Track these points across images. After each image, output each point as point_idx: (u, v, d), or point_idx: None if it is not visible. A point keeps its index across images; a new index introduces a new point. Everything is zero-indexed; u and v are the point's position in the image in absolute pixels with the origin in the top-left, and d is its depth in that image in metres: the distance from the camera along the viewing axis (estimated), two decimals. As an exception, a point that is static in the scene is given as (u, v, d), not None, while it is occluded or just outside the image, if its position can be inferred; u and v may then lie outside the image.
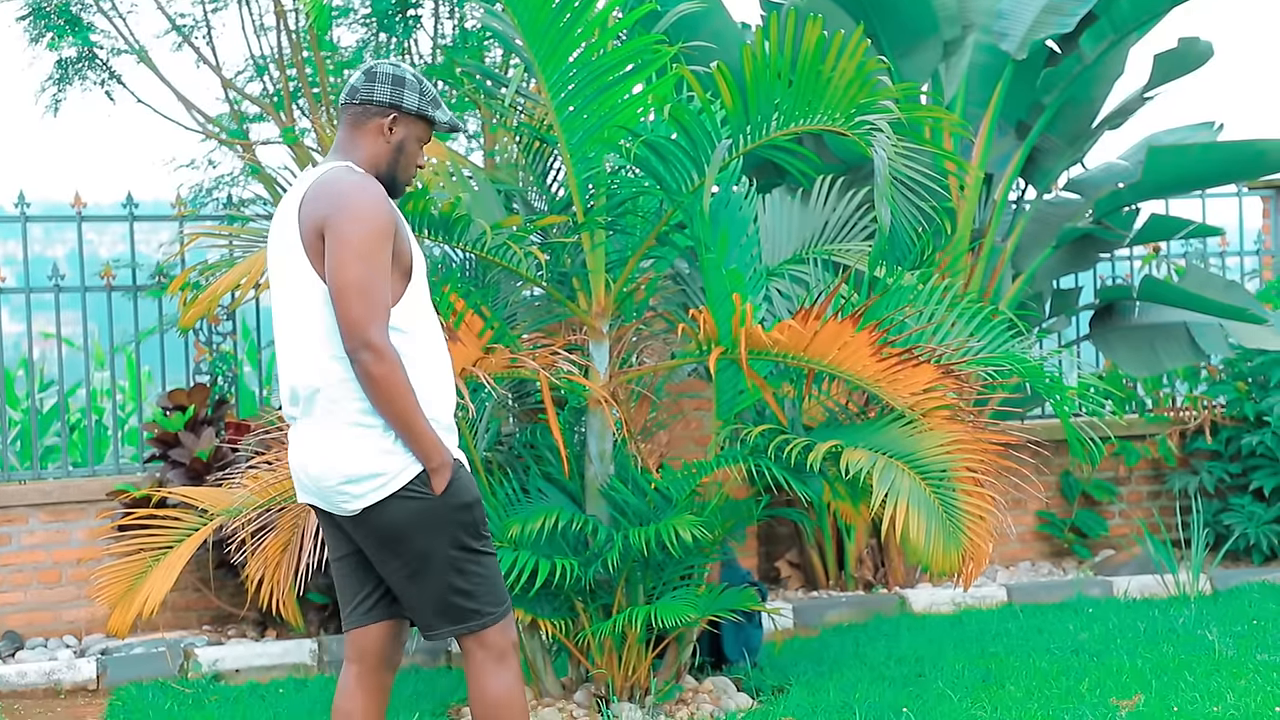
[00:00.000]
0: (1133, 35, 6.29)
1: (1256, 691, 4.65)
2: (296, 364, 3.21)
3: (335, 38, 6.74)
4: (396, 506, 3.14)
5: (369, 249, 3.09)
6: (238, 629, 6.01)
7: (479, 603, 3.22)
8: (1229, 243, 7.68)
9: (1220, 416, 7.21)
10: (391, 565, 3.21)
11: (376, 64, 3.30)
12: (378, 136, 3.27)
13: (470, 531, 3.21)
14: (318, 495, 3.24)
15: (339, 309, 3.09)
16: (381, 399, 3.10)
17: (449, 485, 3.16)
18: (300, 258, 3.16)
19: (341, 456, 3.15)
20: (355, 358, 3.09)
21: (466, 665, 3.27)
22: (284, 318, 3.25)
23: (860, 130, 4.36)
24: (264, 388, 6.75)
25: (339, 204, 3.12)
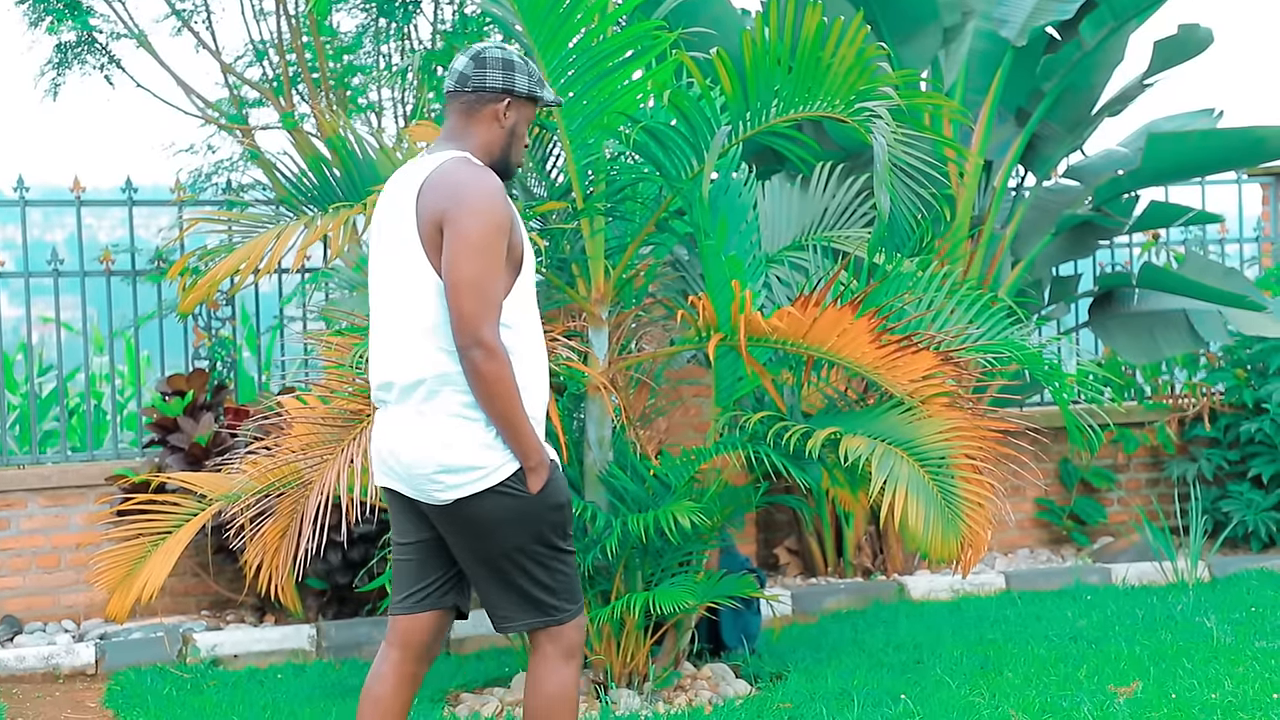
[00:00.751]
0: (1133, 22, 6.28)
1: (1254, 679, 4.66)
2: (398, 352, 3.21)
3: (335, 22, 6.73)
4: (491, 501, 3.17)
5: (487, 245, 3.10)
6: (236, 614, 6.02)
7: (558, 599, 3.25)
8: (1228, 230, 7.67)
9: (1219, 404, 7.22)
10: (475, 557, 3.23)
11: (483, 49, 3.28)
12: (492, 123, 3.26)
13: (558, 531, 3.24)
14: (405, 481, 3.24)
15: (453, 304, 3.10)
16: (488, 396, 3.12)
17: (544, 485, 3.19)
18: (415, 248, 3.16)
19: (440, 447, 3.16)
20: (466, 354, 3.10)
21: (533, 657, 3.29)
22: (388, 305, 3.24)
23: (860, 117, 4.36)
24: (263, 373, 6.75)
25: (460, 198, 3.12)
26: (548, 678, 3.26)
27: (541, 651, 3.28)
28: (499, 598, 3.26)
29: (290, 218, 4.38)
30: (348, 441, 4.21)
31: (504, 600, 3.26)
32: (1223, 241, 7.69)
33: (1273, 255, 7.64)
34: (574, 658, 3.28)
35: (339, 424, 4.29)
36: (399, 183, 3.27)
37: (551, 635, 3.27)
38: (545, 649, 3.27)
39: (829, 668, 4.97)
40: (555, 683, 3.26)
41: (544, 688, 3.26)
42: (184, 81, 6.59)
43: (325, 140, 4.46)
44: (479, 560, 3.23)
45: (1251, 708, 4.35)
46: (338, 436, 4.26)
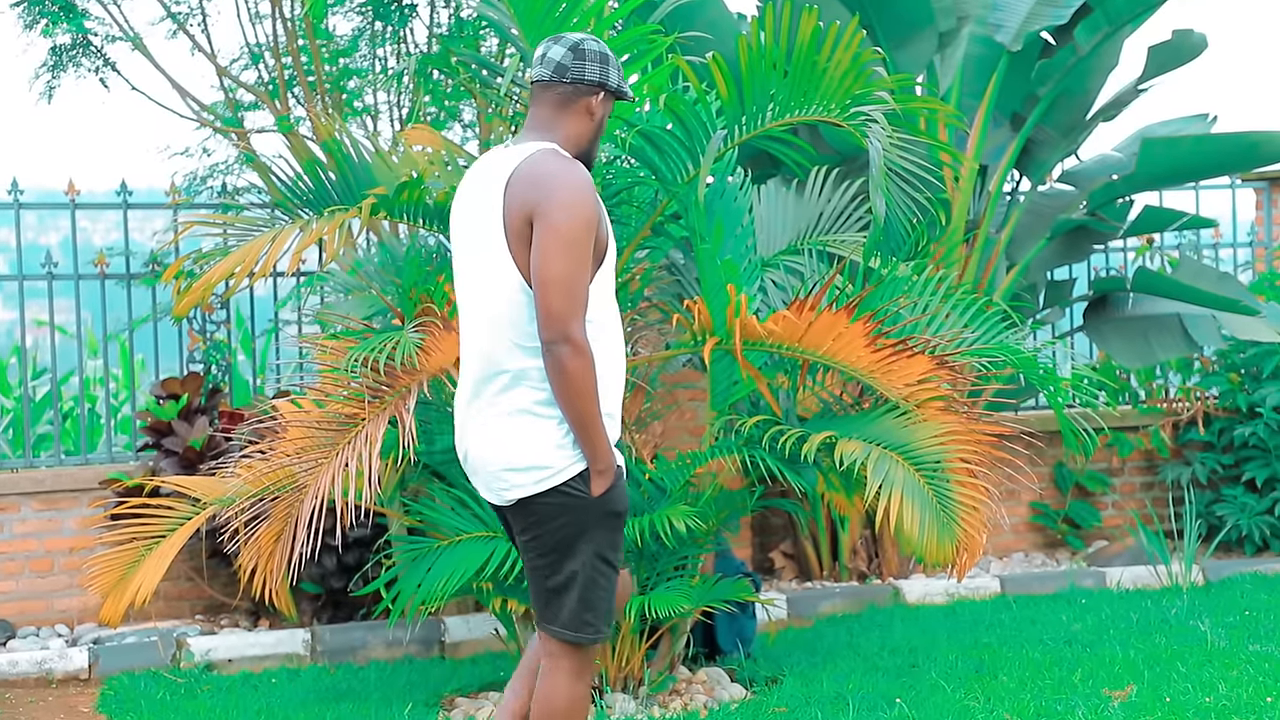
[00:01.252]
0: (1127, 27, 6.29)
1: (1248, 682, 4.66)
2: (476, 346, 3.19)
3: (331, 26, 6.72)
4: (552, 499, 3.14)
5: (577, 241, 3.05)
6: (230, 618, 6.01)
7: (596, 618, 3.21)
8: (1222, 235, 7.69)
9: (1213, 408, 7.22)
10: (531, 553, 3.20)
11: (581, 40, 3.22)
12: (584, 115, 3.23)
13: (610, 544, 3.20)
14: (478, 480, 3.24)
15: (541, 300, 3.05)
16: (568, 394, 3.07)
17: (607, 490, 3.15)
18: (500, 241, 3.11)
19: (509, 444, 3.14)
20: (551, 350, 3.05)
21: (547, 662, 3.24)
22: (471, 297, 3.22)
23: (855, 121, 4.36)
24: (258, 376, 6.73)
25: (550, 193, 3.07)
26: (557, 694, 3.22)
27: (559, 662, 3.23)
28: (546, 600, 3.21)
29: (286, 221, 4.38)
30: (343, 445, 4.20)
31: (551, 604, 3.20)
32: (1216, 246, 7.70)
33: (1266, 260, 7.66)
34: (587, 674, 3.25)
35: (334, 428, 4.29)
36: (483, 173, 3.21)
37: (577, 651, 3.22)
38: (563, 661, 3.22)
39: (824, 672, 4.97)
40: (563, 702, 3.22)
41: (554, 701, 3.22)
42: (179, 84, 6.59)
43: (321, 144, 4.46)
44: (532, 558, 3.21)
45: (1245, 711, 4.35)
46: (333, 440, 4.26)
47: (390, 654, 5.50)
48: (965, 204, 6.35)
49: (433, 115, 6.65)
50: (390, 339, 4.17)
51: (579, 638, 3.20)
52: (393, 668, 5.36)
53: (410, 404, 4.17)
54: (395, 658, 5.49)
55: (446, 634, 5.60)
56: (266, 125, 6.68)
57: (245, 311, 6.66)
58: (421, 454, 4.71)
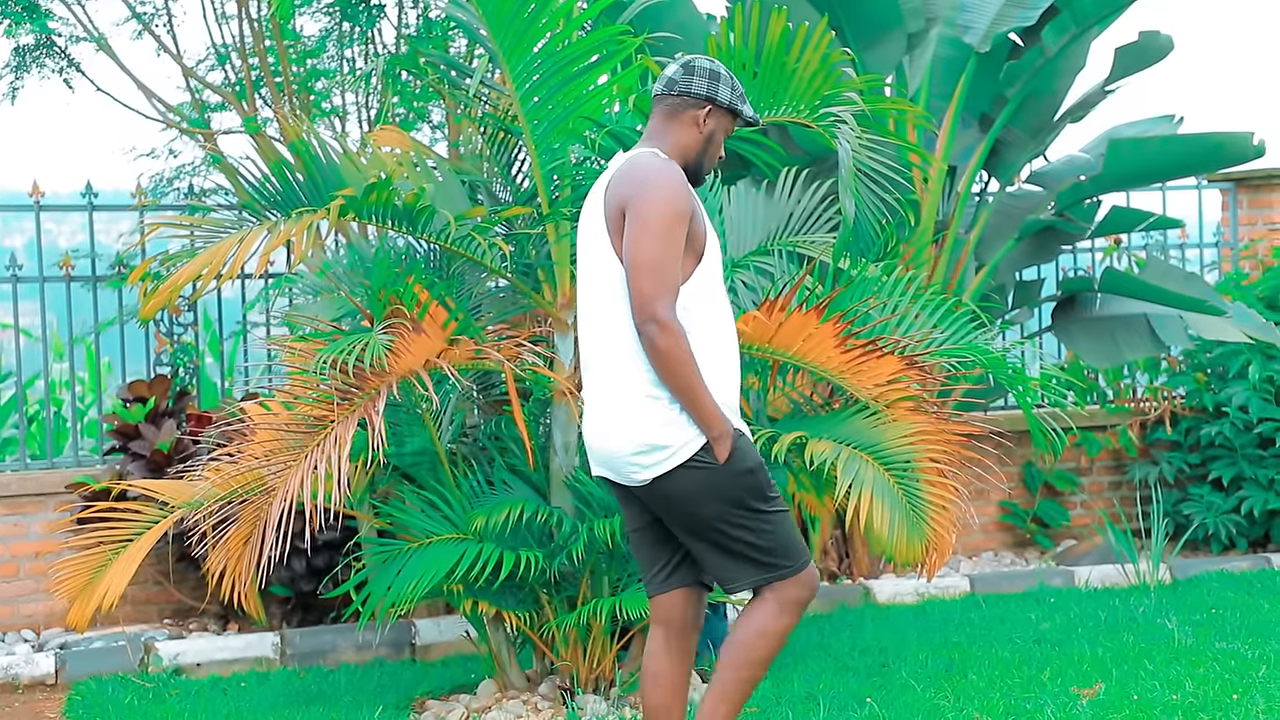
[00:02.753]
0: (1094, 29, 6.33)
1: (1215, 679, 4.69)
2: (595, 339, 3.41)
3: (298, 26, 6.69)
4: (684, 476, 3.31)
5: (665, 228, 3.26)
6: (199, 622, 5.97)
7: (773, 556, 3.38)
8: (1189, 235, 7.74)
9: (1180, 407, 7.27)
10: (685, 529, 3.39)
11: (694, 58, 3.49)
12: (691, 127, 3.46)
13: (756, 494, 3.37)
14: (609, 467, 3.42)
15: (632, 284, 3.27)
16: (666, 370, 3.26)
17: (731, 453, 3.31)
18: (603, 236, 3.36)
19: (631, 428, 3.32)
20: (643, 330, 3.26)
21: (752, 600, 3.44)
22: (587, 295, 3.45)
23: (825, 122, 4.37)
24: (226, 379, 6.70)
25: (641, 185, 3.31)
26: (756, 619, 3.41)
27: (761, 598, 3.43)
28: (716, 563, 3.41)
29: (253, 223, 4.35)
30: (312, 448, 4.18)
31: (722, 564, 3.40)
32: (1183, 246, 7.75)
33: (1232, 260, 7.72)
34: (789, 611, 3.42)
35: (303, 430, 4.26)
36: (599, 182, 3.48)
37: (774, 588, 3.41)
38: (765, 596, 3.42)
39: (795, 672, 4.98)
40: (763, 623, 3.40)
41: (753, 622, 3.41)
42: (145, 85, 6.55)
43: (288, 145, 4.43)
44: (689, 532, 3.40)
45: (1212, 708, 4.38)
46: (301, 443, 4.23)
47: (360, 657, 5.48)
48: (934, 205, 6.37)
49: (401, 116, 6.63)
50: (359, 341, 4.16)
51: (767, 577, 3.40)
52: (363, 671, 5.34)
53: (380, 406, 4.15)
54: (365, 661, 5.47)
55: (417, 636, 5.58)
56: (233, 126, 6.65)
57: (213, 314, 6.62)
58: (391, 456, 4.69)
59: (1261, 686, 4.61)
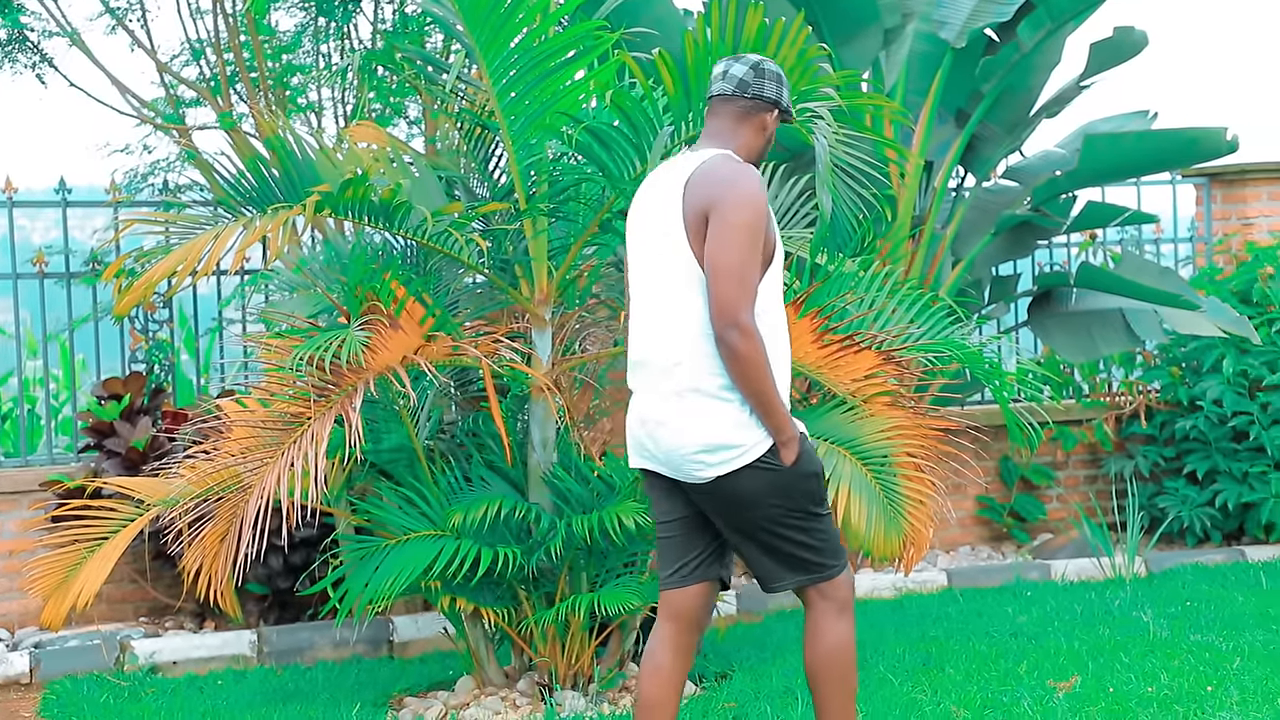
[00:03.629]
0: (1069, 24, 6.35)
1: (1189, 672, 4.72)
2: (659, 337, 3.41)
3: (273, 21, 6.66)
4: (749, 476, 3.35)
5: (751, 235, 3.29)
6: (175, 621, 5.94)
7: (822, 556, 3.45)
8: (1163, 230, 7.78)
9: (1155, 401, 7.31)
10: (738, 528, 3.44)
11: (761, 60, 3.51)
12: (759, 131, 3.51)
13: (813, 499, 3.44)
14: (665, 463, 3.43)
15: (714, 288, 3.28)
16: (744, 376, 3.29)
17: (798, 458, 3.37)
18: (680, 237, 3.35)
19: (700, 427, 3.34)
20: (724, 336, 3.28)
21: (808, 614, 3.50)
22: (649, 292, 3.44)
23: (802, 118, 4.37)
24: (201, 376, 6.67)
25: (728, 189, 3.32)
26: (827, 631, 3.47)
27: (816, 608, 3.49)
28: (763, 563, 3.47)
29: (228, 219, 4.33)
30: (288, 445, 4.16)
31: (769, 564, 3.47)
32: (1158, 241, 7.79)
33: (1206, 255, 7.76)
34: (847, 611, 3.49)
35: (279, 427, 4.25)
36: (663, 177, 3.48)
37: (822, 591, 3.48)
38: (818, 605, 3.48)
39: (774, 666, 4.99)
40: (834, 636, 3.46)
41: (825, 640, 3.47)
42: (119, 81, 6.51)
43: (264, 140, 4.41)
44: (741, 531, 3.44)
45: (1186, 700, 4.41)
46: (278, 440, 4.22)
47: (338, 654, 5.46)
48: (911, 200, 6.38)
49: (378, 112, 6.61)
50: (336, 337, 4.14)
51: (812, 579, 3.46)
52: (340, 668, 5.33)
53: (357, 402, 4.14)
54: (343, 658, 5.46)
55: (395, 633, 5.57)
56: (208, 122, 6.62)
57: (188, 310, 6.59)
58: (369, 452, 4.68)
59: (1236, 678, 4.64)
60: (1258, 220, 7.58)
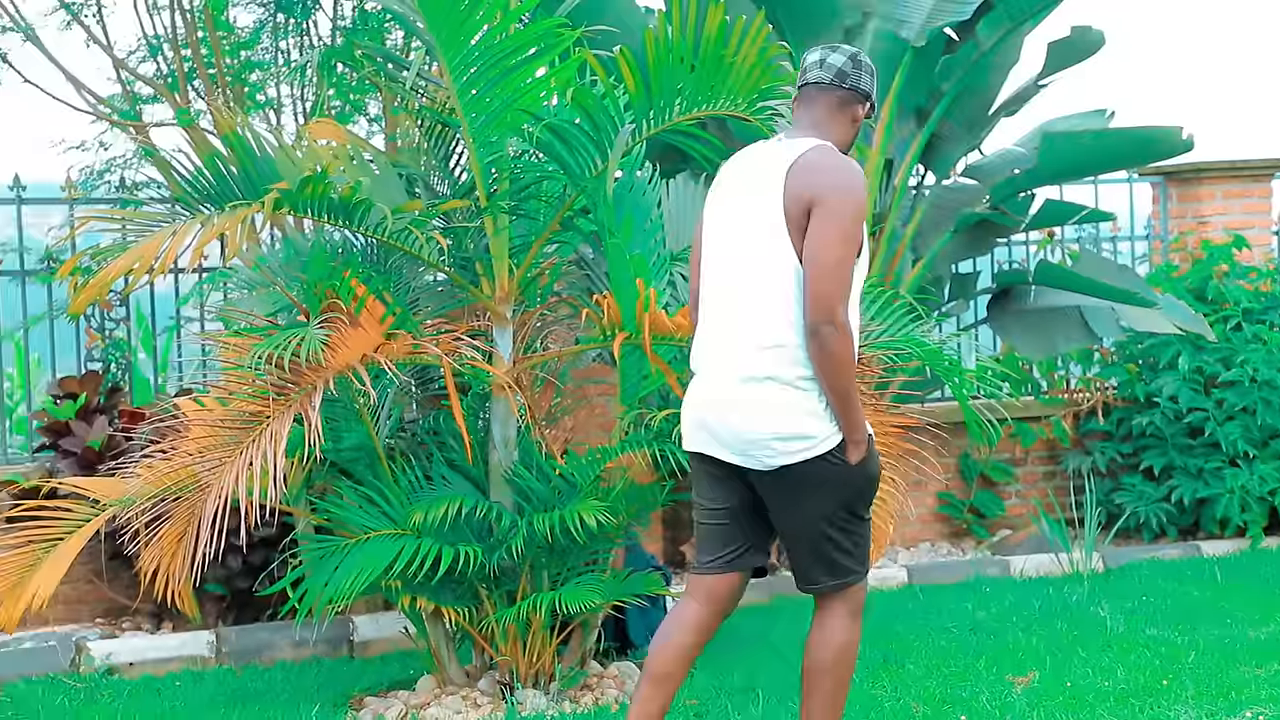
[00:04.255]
0: (1027, 23, 6.39)
1: (1145, 666, 4.77)
2: (743, 322, 3.40)
3: (231, 17, 6.62)
4: (816, 468, 3.38)
5: (854, 230, 3.31)
6: (132, 622, 5.89)
7: (855, 561, 3.51)
8: (1120, 228, 7.84)
9: (1112, 398, 7.37)
10: (792, 518, 3.47)
11: (857, 51, 3.51)
12: (851, 123, 3.51)
13: (865, 501, 3.50)
14: (729, 445, 3.43)
15: (814, 283, 3.29)
16: (832, 371, 3.31)
17: (863, 459, 3.41)
18: (779, 225, 3.34)
19: (776, 414, 3.36)
20: (818, 330, 3.29)
21: (822, 613, 3.53)
22: (734, 276, 3.43)
23: (763, 115, 4.38)
24: (159, 374, 6.61)
25: (834, 183, 3.32)
26: (838, 632, 3.51)
27: (832, 610, 3.52)
28: (808, 560, 3.50)
29: (186, 216, 4.29)
30: (247, 444, 4.13)
31: (812, 562, 3.49)
32: (1115, 239, 7.86)
33: (1163, 253, 7.83)
34: (858, 615, 3.54)
35: (238, 426, 4.22)
36: (757, 161, 3.46)
37: (844, 595, 3.51)
38: (836, 607, 3.52)
39: (734, 664, 5.00)
40: (844, 637, 3.51)
41: (834, 641, 3.50)
42: (74, 77, 6.44)
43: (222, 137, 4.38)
44: (793, 523, 3.47)
45: (1143, 694, 4.45)
46: (237, 439, 4.19)
47: (297, 654, 5.43)
48: (872, 198, 6.40)
49: (337, 109, 6.58)
50: (295, 335, 4.12)
51: (844, 582, 3.50)
52: (300, 668, 5.30)
53: (316, 401, 4.11)
54: (303, 658, 5.43)
55: (355, 633, 5.54)
56: (166, 119, 6.56)
57: (146, 308, 6.53)
58: (328, 451, 4.66)
59: (1191, 672, 4.69)
60: (1213, 219, 7.66)
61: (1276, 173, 7.73)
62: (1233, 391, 6.85)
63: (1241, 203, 7.70)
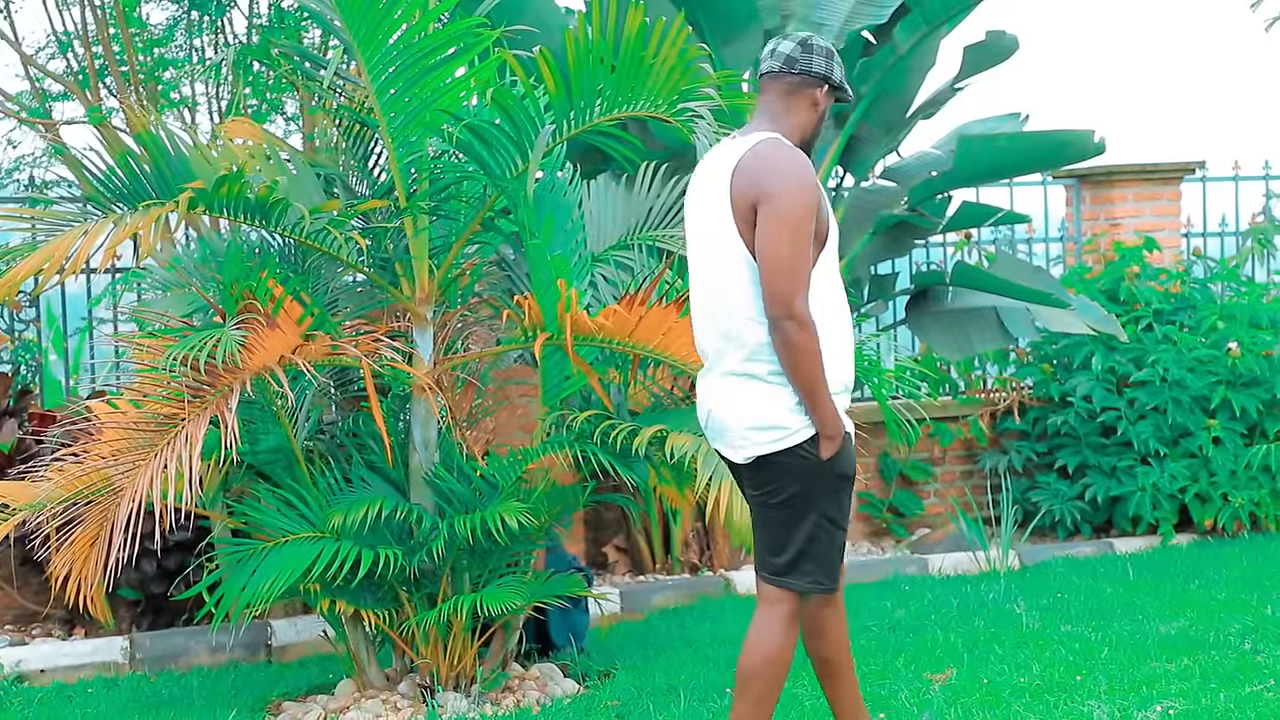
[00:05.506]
0: (943, 27, 6.47)
1: (1060, 662, 4.84)
2: (713, 323, 3.48)
3: (144, 14, 6.51)
4: (787, 460, 3.40)
5: (800, 225, 3.31)
6: (43, 628, 5.78)
7: (820, 571, 3.48)
8: (1035, 230, 7.96)
9: (1028, 397, 7.48)
10: (763, 509, 3.49)
11: (808, 35, 3.51)
12: (810, 107, 3.50)
13: (837, 505, 3.47)
14: (721, 439, 3.51)
15: (767, 280, 3.31)
16: (795, 366, 3.34)
17: (836, 455, 3.42)
18: (728, 224, 3.38)
19: (750, 406, 3.41)
20: (778, 325, 3.32)
21: (765, 610, 3.52)
22: (703, 278, 3.51)
23: (683, 117, 4.39)
24: (71, 377, 6.48)
25: (775, 180, 3.33)
26: (774, 639, 3.49)
27: (775, 610, 3.50)
28: (771, 549, 3.49)
29: (98, 215, 4.21)
30: (162, 446, 4.07)
31: (774, 553, 3.48)
32: (1030, 241, 7.97)
33: (1076, 254, 7.96)
34: (796, 624, 3.53)
35: (152, 429, 4.15)
36: (713, 163, 3.49)
37: (792, 599, 3.50)
38: (779, 609, 3.50)
39: (656, 664, 5.01)
40: (779, 645, 3.50)
41: (767, 647, 3.49)
42: (-19, 73, 6.30)
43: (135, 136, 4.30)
44: (763, 513, 3.49)
45: (1057, 690, 4.52)
46: (151, 441, 4.12)
47: (214, 660, 5.36)
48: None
49: (254, 108, 6.50)
50: (211, 336, 4.06)
51: (802, 587, 3.49)
52: (217, 673, 5.23)
53: (233, 403, 4.06)
54: (219, 663, 5.35)
55: (273, 637, 5.48)
56: (76, 116, 6.44)
57: (57, 309, 6.41)
58: (245, 454, 4.60)
59: (1104, 667, 4.77)
60: (1124, 220, 7.80)
61: (1185, 176, 7.89)
62: (1144, 391, 6.98)
63: (1152, 205, 7.85)
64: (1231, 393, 6.91)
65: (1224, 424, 6.93)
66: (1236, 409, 6.89)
